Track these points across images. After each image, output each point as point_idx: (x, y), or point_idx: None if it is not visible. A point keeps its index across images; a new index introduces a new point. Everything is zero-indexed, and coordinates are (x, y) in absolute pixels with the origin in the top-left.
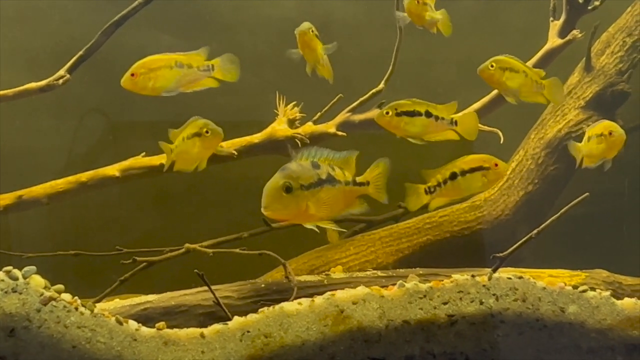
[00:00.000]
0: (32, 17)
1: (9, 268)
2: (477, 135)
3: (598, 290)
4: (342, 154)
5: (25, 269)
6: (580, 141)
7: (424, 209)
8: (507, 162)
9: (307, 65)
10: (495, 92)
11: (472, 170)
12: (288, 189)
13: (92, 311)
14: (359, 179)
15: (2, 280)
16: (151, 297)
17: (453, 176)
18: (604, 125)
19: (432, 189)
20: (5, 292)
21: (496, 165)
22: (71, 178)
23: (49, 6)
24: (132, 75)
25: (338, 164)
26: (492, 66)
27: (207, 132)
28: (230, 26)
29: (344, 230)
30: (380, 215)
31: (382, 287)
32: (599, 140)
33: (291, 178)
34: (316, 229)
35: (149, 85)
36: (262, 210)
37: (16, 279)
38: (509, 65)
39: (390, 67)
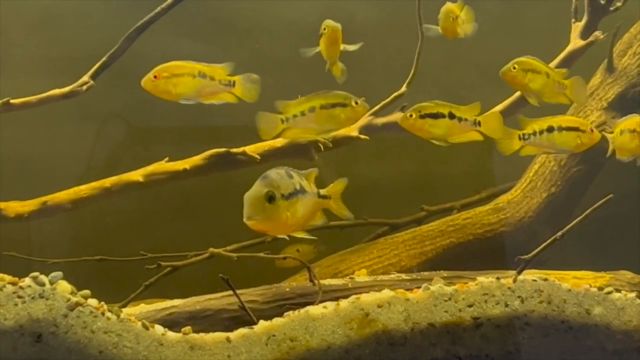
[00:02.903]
0: (55, 24)
1: (36, 274)
2: None
3: (623, 292)
4: (303, 171)
5: (52, 274)
6: None
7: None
8: (528, 164)
9: (328, 63)
10: (517, 93)
11: (570, 128)
12: (271, 199)
13: (118, 316)
14: (322, 192)
15: (29, 286)
16: (176, 302)
17: (550, 129)
18: (637, 121)
19: (526, 136)
20: (32, 298)
21: (592, 130)
22: (95, 184)
23: (71, 13)
24: (155, 77)
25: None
26: (514, 68)
27: (356, 103)
28: (251, 30)
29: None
30: (403, 218)
31: (407, 290)
32: (631, 136)
33: (273, 187)
34: (287, 237)
35: (169, 90)
36: (245, 220)
37: (43, 284)
38: (531, 67)
39: (413, 70)
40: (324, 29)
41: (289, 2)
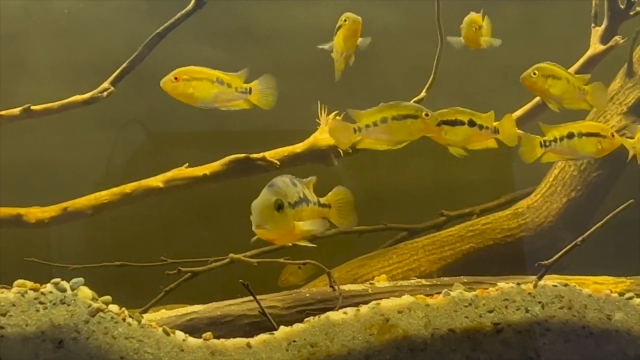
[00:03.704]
0: (76, 31)
1: (57, 280)
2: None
3: None
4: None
5: (73, 280)
6: None
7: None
8: (548, 169)
9: (342, 53)
10: (537, 98)
11: (590, 134)
12: (280, 207)
13: (139, 322)
14: (322, 201)
15: (51, 292)
16: (197, 308)
17: (570, 135)
18: None
19: (547, 143)
20: (54, 304)
21: (612, 135)
22: (115, 189)
23: (92, 19)
24: (175, 79)
25: None
26: (534, 74)
27: (426, 114)
28: (270, 36)
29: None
30: (423, 223)
31: (427, 295)
32: None
33: (281, 195)
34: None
35: (188, 92)
36: (254, 229)
37: (64, 290)
38: (551, 73)
39: (432, 76)
40: (344, 20)
41: (307, 7)
